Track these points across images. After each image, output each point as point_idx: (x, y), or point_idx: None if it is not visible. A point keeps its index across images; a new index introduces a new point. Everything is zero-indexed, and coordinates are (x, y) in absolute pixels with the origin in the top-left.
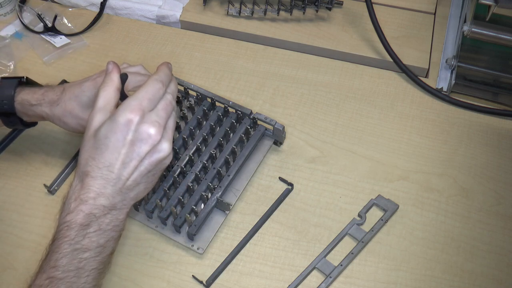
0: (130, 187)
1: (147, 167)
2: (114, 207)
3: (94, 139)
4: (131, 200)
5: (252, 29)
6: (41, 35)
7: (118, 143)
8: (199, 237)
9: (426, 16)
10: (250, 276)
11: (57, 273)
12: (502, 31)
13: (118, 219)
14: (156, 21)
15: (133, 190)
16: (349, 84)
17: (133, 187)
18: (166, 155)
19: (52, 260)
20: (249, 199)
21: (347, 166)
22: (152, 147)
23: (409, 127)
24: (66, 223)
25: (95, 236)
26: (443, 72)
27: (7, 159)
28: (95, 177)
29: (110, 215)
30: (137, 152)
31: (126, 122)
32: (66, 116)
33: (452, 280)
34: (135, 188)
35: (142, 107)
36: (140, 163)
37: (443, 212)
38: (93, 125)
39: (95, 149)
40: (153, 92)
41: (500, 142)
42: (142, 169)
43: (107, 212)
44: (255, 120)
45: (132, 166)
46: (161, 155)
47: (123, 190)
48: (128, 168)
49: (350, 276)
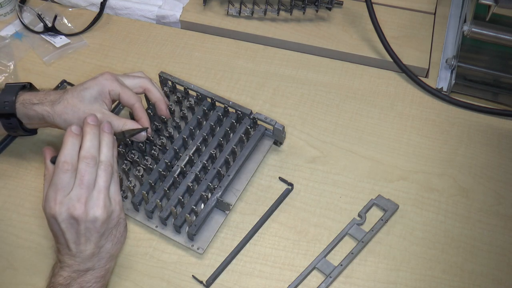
0: (95, 253)
1: (95, 235)
2: (89, 269)
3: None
4: (107, 259)
5: (252, 29)
6: (41, 35)
7: (59, 233)
8: (199, 237)
9: (426, 16)
10: (250, 276)
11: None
12: (502, 31)
13: (98, 276)
14: (156, 21)
15: (101, 253)
16: (349, 84)
17: (99, 252)
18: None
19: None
20: (249, 199)
21: (347, 166)
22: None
23: (409, 127)
24: (51, 283)
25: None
26: (443, 72)
27: (7, 159)
28: (63, 254)
29: (88, 275)
30: (77, 231)
31: (52, 217)
32: (67, 112)
33: (452, 280)
34: (101, 250)
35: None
36: (87, 238)
37: (443, 212)
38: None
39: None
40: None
41: (500, 142)
42: (93, 239)
43: (84, 273)
44: (255, 120)
45: (83, 242)
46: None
47: (90, 258)
48: (80, 244)
49: (350, 276)
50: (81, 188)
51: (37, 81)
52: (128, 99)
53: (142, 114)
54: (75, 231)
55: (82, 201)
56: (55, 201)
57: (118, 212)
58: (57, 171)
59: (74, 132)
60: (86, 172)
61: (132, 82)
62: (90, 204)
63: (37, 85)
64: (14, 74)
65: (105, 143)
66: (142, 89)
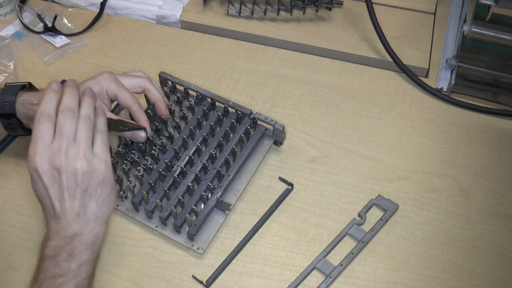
0: (80, 213)
1: (78, 190)
2: (76, 234)
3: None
4: (93, 222)
5: (252, 29)
6: (41, 35)
7: (43, 190)
8: (199, 237)
9: (426, 16)
10: (250, 276)
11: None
12: (502, 31)
13: (86, 242)
14: (156, 21)
15: (86, 213)
16: (349, 84)
17: (84, 211)
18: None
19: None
20: (249, 199)
21: (347, 166)
22: (66, 174)
23: (409, 127)
24: (41, 257)
25: (66, 262)
26: (443, 72)
27: (7, 159)
28: (49, 220)
29: (75, 241)
30: (60, 185)
31: (34, 172)
32: None
33: (452, 280)
34: (87, 210)
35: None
36: (70, 192)
37: (443, 212)
38: None
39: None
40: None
41: (500, 142)
42: (76, 194)
43: (71, 240)
44: (255, 120)
45: (66, 197)
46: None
47: (75, 218)
48: (64, 200)
49: (350, 276)
50: (60, 139)
51: (37, 81)
52: (125, 101)
53: (140, 115)
54: (58, 185)
55: (62, 151)
56: (36, 152)
57: (103, 170)
58: (35, 124)
59: (54, 88)
60: (65, 123)
61: (132, 81)
62: (70, 154)
63: (37, 85)
64: (14, 74)
65: (85, 102)
66: (142, 89)
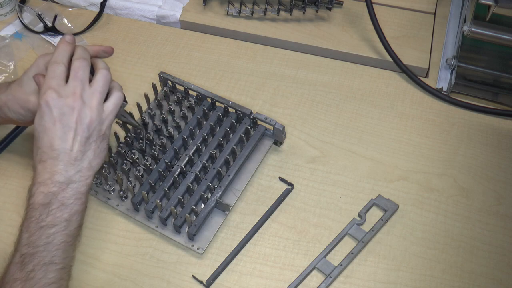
0: (78, 157)
1: (82, 134)
2: (70, 180)
3: (34, 133)
4: (87, 170)
5: (252, 29)
6: (41, 35)
7: (48, 124)
8: (199, 237)
9: (426, 16)
10: (250, 276)
11: (29, 250)
12: (502, 31)
13: (79, 191)
14: (156, 21)
15: (83, 160)
16: (349, 84)
17: (81, 157)
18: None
19: (23, 238)
20: (249, 199)
21: (347, 166)
22: (78, 115)
23: (409, 127)
24: (30, 205)
25: (58, 211)
26: (443, 72)
27: (7, 159)
28: (45, 161)
29: (69, 189)
30: (67, 124)
31: (45, 104)
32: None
33: (452, 280)
34: (84, 157)
35: (51, 86)
36: (75, 133)
37: (443, 212)
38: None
39: (36, 139)
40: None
41: (500, 142)
42: (79, 138)
43: (65, 187)
44: (255, 120)
45: (70, 138)
46: (87, 120)
47: (73, 162)
48: (67, 140)
49: (350, 276)
50: (75, 81)
51: None
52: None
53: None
54: (65, 123)
55: (77, 93)
56: (50, 87)
57: (107, 125)
58: (50, 67)
59: (67, 40)
60: (80, 68)
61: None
62: (84, 97)
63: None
64: (14, 74)
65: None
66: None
